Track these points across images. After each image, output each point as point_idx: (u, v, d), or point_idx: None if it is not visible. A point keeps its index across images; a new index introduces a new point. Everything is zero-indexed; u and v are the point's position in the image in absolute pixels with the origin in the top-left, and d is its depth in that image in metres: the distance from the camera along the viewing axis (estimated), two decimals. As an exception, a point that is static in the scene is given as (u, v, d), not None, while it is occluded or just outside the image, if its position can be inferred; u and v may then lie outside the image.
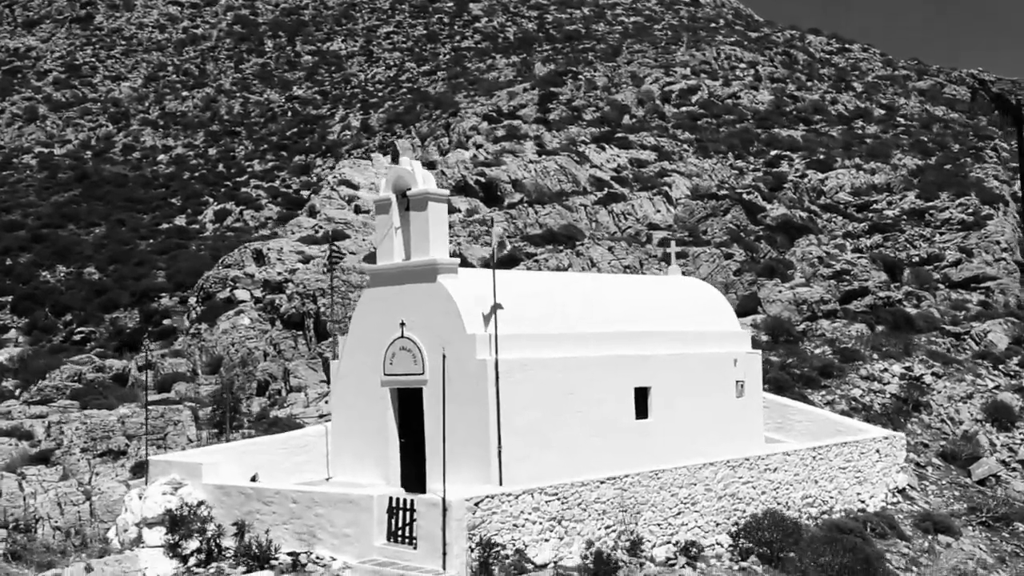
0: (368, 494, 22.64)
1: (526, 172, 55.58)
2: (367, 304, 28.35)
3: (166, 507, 25.32)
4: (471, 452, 25.50)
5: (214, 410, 32.88)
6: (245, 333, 38.24)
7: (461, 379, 25.84)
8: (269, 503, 24.41)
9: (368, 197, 48.57)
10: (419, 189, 27.42)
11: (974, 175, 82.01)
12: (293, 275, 39.94)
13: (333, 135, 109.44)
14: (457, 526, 20.95)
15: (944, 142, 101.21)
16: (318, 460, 30.75)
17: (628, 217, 54.07)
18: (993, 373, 44.07)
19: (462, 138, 79.49)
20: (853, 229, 64.17)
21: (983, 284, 62.29)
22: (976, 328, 50.71)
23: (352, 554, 22.57)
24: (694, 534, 26.12)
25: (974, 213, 69.93)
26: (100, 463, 30.93)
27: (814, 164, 75.30)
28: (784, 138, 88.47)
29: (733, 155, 75.64)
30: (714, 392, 31.89)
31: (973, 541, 30.34)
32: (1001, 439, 38.45)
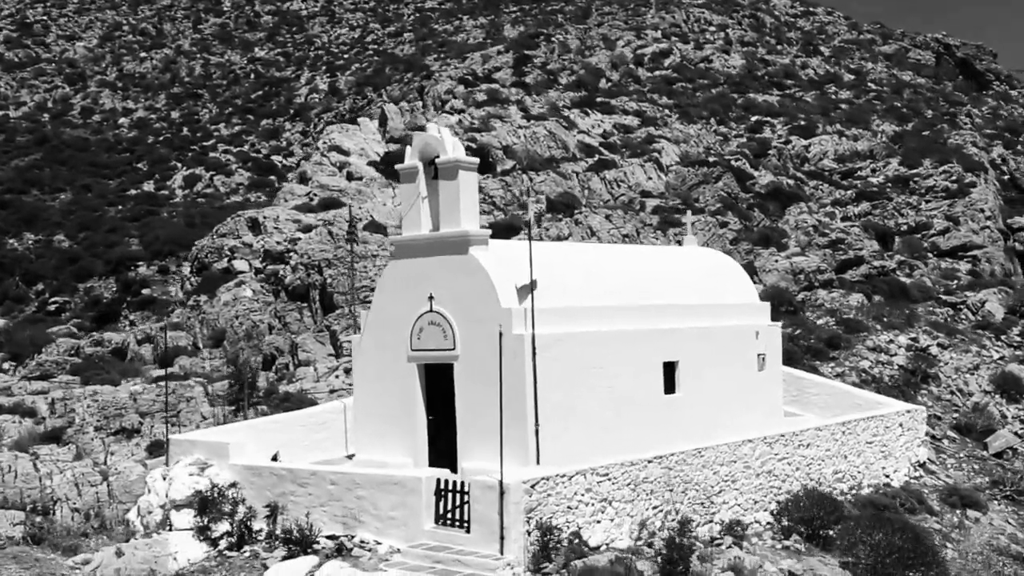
0: (416, 475, 21.85)
1: (515, 138, 54.59)
2: (391, 277, 27.41)
3: (194, 488, 24.38)
4: (504, 430, 24.71)
5: (231, 385, 31.80)
6: (249, 305, 37.04)
7: (495, 355, 24.98)
8: (304, 484, 23.53)
9: (359, 163, 47.44)
10: (449, 157, 26.51)
11: (952, 141, 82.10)
12: (294, 245, 38.78)
13: (300, 98, 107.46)
14: (515, 509, 20.23)
15: (918, 108, 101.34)
16: (336, 438, 29.92)
17: (621, 184, 53.36)
18: (996, 344, 44.00)
19: (437, 102, 78.21)
20: (841, 197, 63.87)
21: (970, 252, 62.37)
22: (972, 298, 50.68)
23: (398, 538, 21.79)
24: (734, 512, 25.63)
25: (957, 181, 69.90)
26: (114, 442, 29.82)
27: (797, 130, 74.97)
28: (761, 103, 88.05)
29: (716, 120, 75.05)
30: (738, 365, 31.40)
31: (1001, 516, 30.15)
32: (1012, 411, 38.35)
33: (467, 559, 20.08)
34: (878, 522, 24.25)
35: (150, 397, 31.43)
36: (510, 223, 44.40)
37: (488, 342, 25.16)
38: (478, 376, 25.40)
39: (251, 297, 37.03)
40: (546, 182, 50.01)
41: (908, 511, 28.86)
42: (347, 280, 36.59)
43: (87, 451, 29.35)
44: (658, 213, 51.76)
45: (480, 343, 25.39)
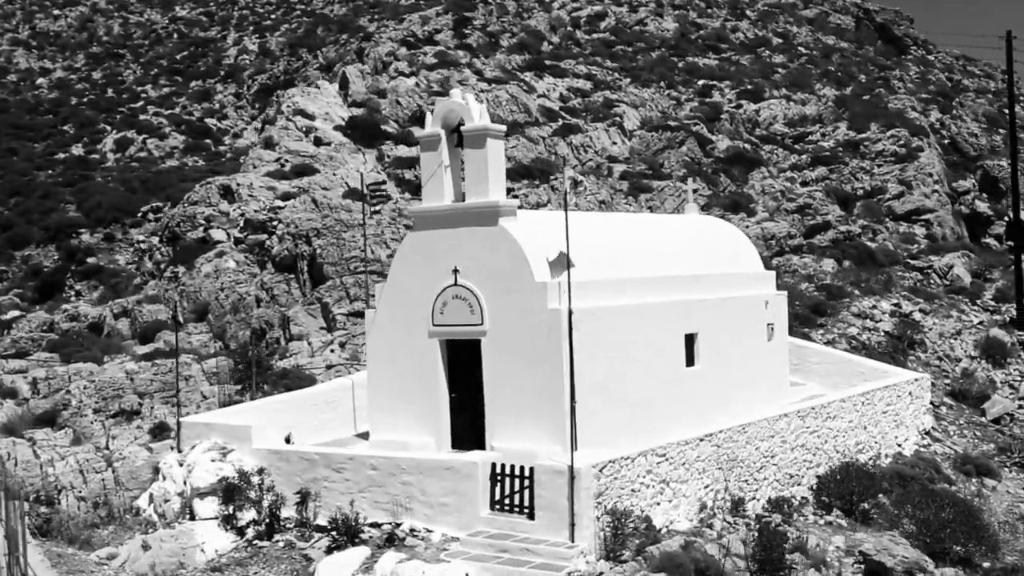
0: (472, 460, 20.82)
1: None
2: (411, 249, 26.15)
3: (218, 475, 23.00)
4: (540, 408, 23.84)
5: (236, 364, 30.19)
6: (234, 277, 35.25)
7: (528, 330, 24.09)
8: (340, 469, 22.35)
9: (326, 128, 45.75)
10: (477, 125, 25.40)
11: (892, 106, 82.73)
12: (276, 214, 37.03)
13: (230, 59, 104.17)
14: (586, 495, 19.35)
15: (851, 72, 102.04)
16: (344, 417, 28.73)
17: (588, 150, 52.47)
18: (973, 308, 44.27)
19: (379, 64, 76.25)
20: (798, 161, 63.82)
21: (923, 217, 62.94)
22: (938, 262, 51.03)
23: (451, 525, 20.78)
24: (774, 488, 25.12)
25: (905, 145, 70.40)
26: (114, 425, 28.09)
27: (745, 94, 74.71)
28: (704, 68, 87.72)
29: (665, 84, 74.44)
30: (750, 336, 30.86)
31: (1017, 484, 30.16)
32: (999, 376, 38.52)
33: (536, 547, 19.15)
34: (927, 496, 23.86)
35: (147, 376, 29.65)
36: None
37: (520, 317, 24.20)
38: (509, 353, 24.39)
39: (235, 268, 35.31)
40: (517, 148, 48.90)
41: (928, 480, 28.64)
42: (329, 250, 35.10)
43: (86, 435, 27.63)
44: (627, 179, 50.99)
45: (511, 318, 24.38)
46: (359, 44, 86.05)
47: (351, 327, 33.42)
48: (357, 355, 32.17)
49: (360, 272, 34.58)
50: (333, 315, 34.05)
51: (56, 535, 22.91)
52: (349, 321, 33.58)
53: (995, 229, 68.71)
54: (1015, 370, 39.01)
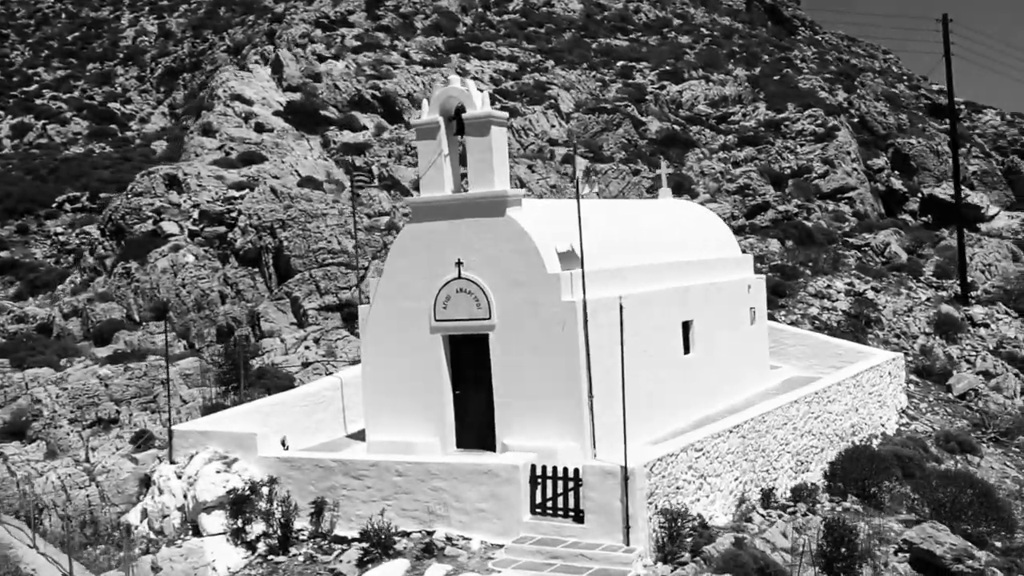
0: (512, 463, 19.94)
1: (414, 85, 51.97)
2: (409, 242, 25.09)
3: (225, 487, 21.70)
4: (556, 404, 23.15)
5: (220, 366, 28.55)
6: (195, 272, 33.39)
7: (540, 324, 23.33)
8: (361, 477, 21.26)
9: (265, 114, 44.03)
10: (480, 112, 24.42)
11: (803, 86, 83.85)
12: (232, 204, 35.26)
13: (127, 40, 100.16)
14: (640, 496, 18.68)
15: (755, 53, 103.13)
16: (335, 416, 27.56)
17: (528, 133, 51.65)
18: (919, 285, 44.93)
19: (293, 46, 74.16)
20: (726, 142, 64.10)
21: (847, 195, 63.91)
22: (874, 240, 51.73)
23: (490, 532, 19.91)
24: (789, 476, 24.86)
25: (822, 125, 71.38)
26: (91, 435, 26.22)
27: (666, 75, 74.80)
28: (618, 48, 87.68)
29: (587, 66, 74.02)
30: (736, 321, 30.66)
31: (998, 459, 30.54)
32: (954, 352, 39.10)
33: (591, 552, 18.44)
34: (946, 478, 23.86)
35: (122, 382, 27.79)
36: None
37: (531, 310, 23.43)
38: (519, 347, 23.59)
39: (195, 263, 33.50)
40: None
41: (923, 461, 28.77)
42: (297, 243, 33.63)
43: (62, 447, 25.77)
44: (570, 162, 50.33)
45: (521, 311, 23.58)
46: (269, 26, 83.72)
47: (323, 322, 32.14)
48: (333, 351, 30.95)
49: (328, 264, 33.26)
50: (304, 310, 32.66)
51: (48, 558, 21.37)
52: (320, 316, 32.29)
53: (910, 205, 70.28)
54: (968, 345, 39.65)
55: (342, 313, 32.78)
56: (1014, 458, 30.83)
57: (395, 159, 42.71)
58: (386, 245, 35.29)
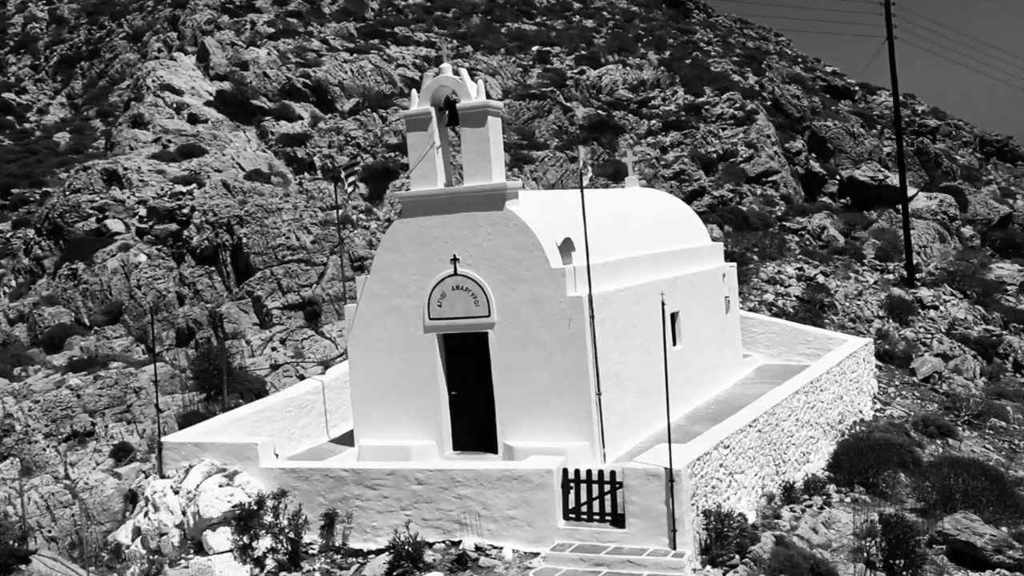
0: (545, 468, 19.11)
1: (343, 73, 50.45)
2: (400, 238, 24.06)
3: (230, 501, 20.44)
4: (562, 403, 22.47)
5: (200, 372, 26.85)
6: (150, 273, 31.41)
7: (544, 320, 22.61)
8: (377, 486, 20.20)
9: (197, 104, 42.05)
10: (476, 102, 23.54)
11: (714, 70, 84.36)
12: (180, 200, 33.29)
13: (16, 27, 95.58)
14: (685, 497, 18.05)
15: (660, 36, 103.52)
16: (319, 421, 26.40)
17: (463, 120, 50.31)
18: (865, 268, 45.34)
19: (196, 32, 71.65)
20: (652, 127, 63.96)
21: (771, 178, 64.44)
22: (811, 223, 52.12)
23: (522, 540, 19.09)
24: (794, 468, 24.54)
25: (741, 108, 71.87)
26: (68, 450, 24.36)
27: (583, 60, 74.40)
28: (528, 33, 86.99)
29: (505, 51, 73.13)
30: (713, 310, 30.36)
31: (976, 443, 30.78)
32: (909, 335, 39.47)
33: (638, 559, 17.74)
34: (956, 465, 23.79)
35: (94, 391, 25.93)
36: (385, 167, 40.80)
37: (534, 306, 22.72)
38: (522, 345, 22.84)
39: (148, 263, 31.58)
40: (402, 120, 46.31)
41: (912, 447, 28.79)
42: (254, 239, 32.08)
43: (38, 464, 23.92)
44: (506, 150, 49.38)
45: (523, 308, 22.83)
46: (171, 11, 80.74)
47: (288, 321, 30.75)
48: (301, 352, 29.63)
49: (288, 261, 31.82)
50: (267, 309, 31.19)
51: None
52: (284, 315, 30.89)
53: (829, 188, 71.27)
54: (922, 328, 40.09)
55: (305, 312, 31.46)
56: (991, 440, 31.11)
57: (336, 149, 41.34)
58: (342, 240, 34.04)
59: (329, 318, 31.50)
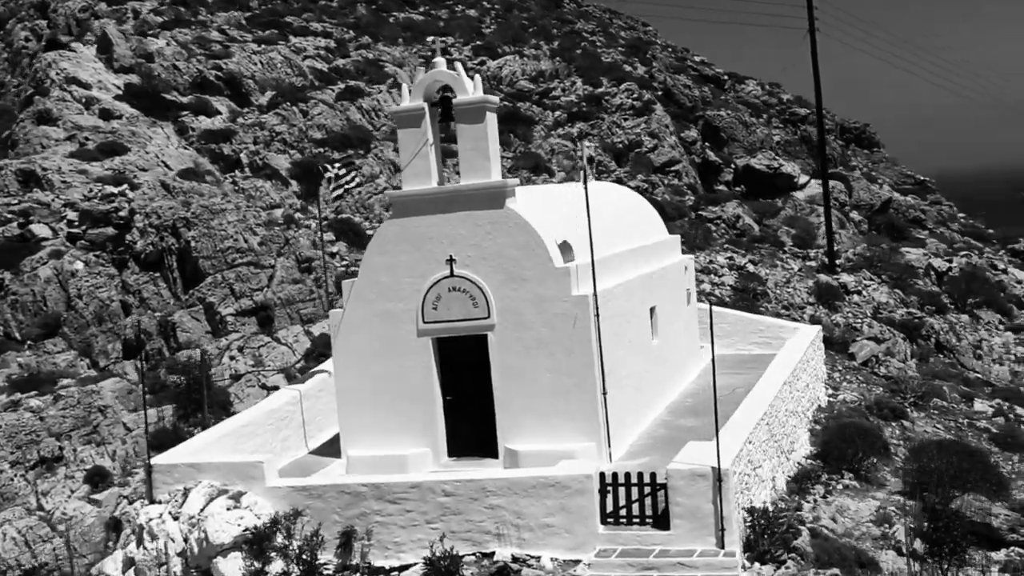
0: (585, 473, 18.68)
1: (252, 65, 48.81)
2: (392, 239, 23.30)
3: (241, 524, 19.42)
4: (568, 404, 22.13)
5: (177, 386, 25.08)
6: (91, 281, 29.28)
7: (547, 320, 22.25)
8: (399, 500, 19.46)
9: (107, 98, 39.90)
10: (474, 97, 23.08)
11: (605, 60, 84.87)
12: (112, 202, 31.27)
13: None
14: (732, 496, 17.86)
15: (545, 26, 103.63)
16: (298, 433, 25.38)
17: (379, 114, 49.50)
18: (786, 256, 46.15)
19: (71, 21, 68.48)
20: (558, 118, 63.88)
21: (674, 168, 65.17)
22: (725, 212, 52.82)
23: (560, 548, 18.64)
24: (786, 458, 24.67)
25: (639, 99, 72.45)
26: (37, 477, 22.49)
27: (481, 51, 73.86)
28: (417, 23, 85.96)
29: (402, 41, 72.00)
30: (679, 303, 30.41)
31: (926, 422, 31.57)
32: (838, 320, 40.31)
33: (689, 560, 17.49)
34: (940, 450, 24.26)
35: (56, 413, 24.00)
36: (310, 162, 39.54)
37: (537, 307, 22.34)
38: (524, 346, 22.42)
39: (86, 271, 29.50)
40: (324, 114, 45.07)
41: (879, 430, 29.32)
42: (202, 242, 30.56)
43: (6, 495, 22.06)
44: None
45: (525, 309, 22.40)
46: None
47: (243, 328, 29.41)
48: (261, 360, 28.43)
49: (239, 264, 30.40)
50: (221, 316, 29.76)
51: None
52: (238, 322, 29.53)
53: (724, 176, 72.47)
54: (850, 313, 40.99)
55: (258, 317, 30.19)
56: (938, 420, 31.93)
57: (263, 145, 39.90)
58: (288, 240, 32.85)
59: (282, 323, 30.36)
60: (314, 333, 30.27)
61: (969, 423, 31.62)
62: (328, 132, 43.17)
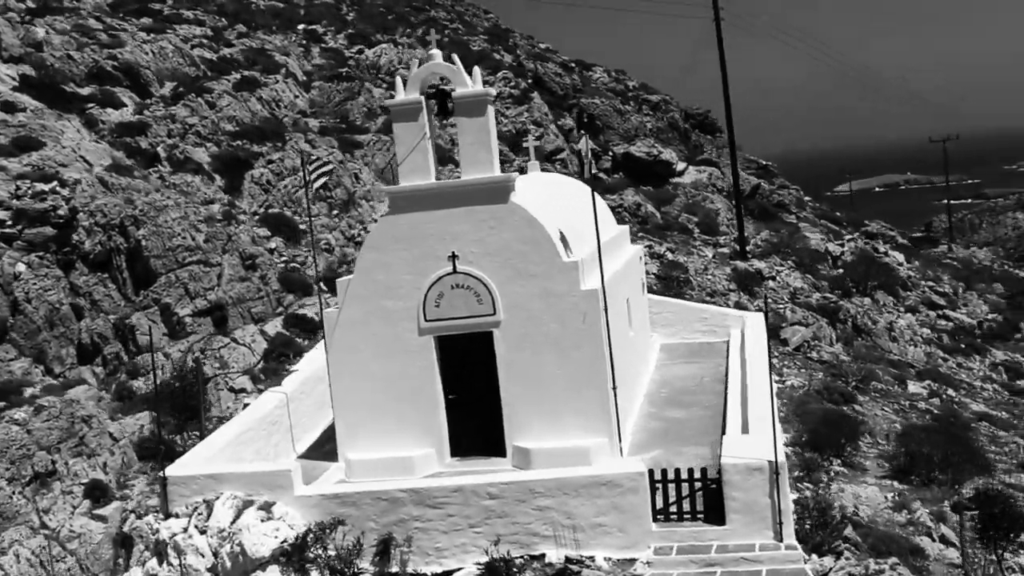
0: (638, 470, 18.61)
1: (144, 55, 46.58)
2: (389, 236, 22.66)
3: (277, 536, 18.69)
4: (578, 400, 22.01)
5: (172, 396, 23.43)
6: (39, 284, 27.11)
7: (556, 316, 22.09)
8: (440, 505, 19.04)
9: (5, 90, 37.27)
10: (475, 90, 22.71)
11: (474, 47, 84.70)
12: (44, 200, 28.99)
13: None
14: (787, 489, 18.12)
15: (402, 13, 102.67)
16: (286, 438, 24.56)
17: (279, 105, 47.93)
18: (697, 243, 47.05)
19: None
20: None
21: (558, 157, 65.74)
22: (626, 200, 53.47)
23: (612, 547, 18.56)
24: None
25: (517, 87, 72.61)
26: (33, 493, 20.66)
27: (355, 39, 72.65)
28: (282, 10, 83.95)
29: (274, 29, 70.10)
30: (638, 293, 30.68)
31: (874, 405, 32.75)
32: (759, 305, 41.35)
33: (753, 555, 17.68)
34: (926, 431, 25.18)
35: (42, 425, 22.15)
36: (235, 155, 37.98)
37: (545, 302, 22.13)
38: (532, 343, 22.18)
39: (31, 272, 27.36)
40: (231, 105, 43.30)
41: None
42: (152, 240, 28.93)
43: (6, 514, 20.29)
44: (328, 134, 47.50)
45: (532, 305, 22.17)
46: None
47: (200, 329, 28.06)
48: (226, 362, 27.25)
49: (190, 263, 28.95)
50: (178, 317, 28.30)
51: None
52: (195, 323, 28.17)
53: (603, 164, 73.39)
54: (769, 299, 42.11)
55: (213, 317, 28.88)
56: (884, 404, 33.14)
57: (179, 138, 38.15)
58: (231, 237, 31.58)
59: (236, 323, 29.18)
60: (269, 333, 29.25)
61: (911, 405, 32.89)
62: (239, 124, 41.66)
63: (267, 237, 33.55)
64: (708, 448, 22.64)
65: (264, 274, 30.60)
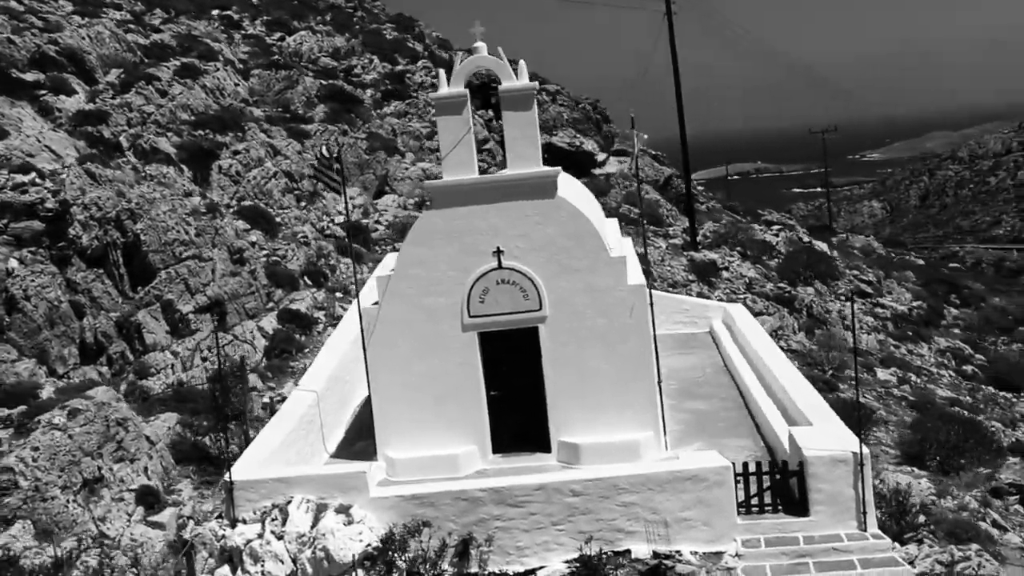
0: (723, 464, 18.81)
1: (82, 40, 44.67)
2: (431, 231, 22.39)
3: (362, 539, 18.38)
4: (625, 394, 22.17)
5: (213, 394, 22.29)
6: (36, 281, 25.46)
7: (603, 311, 22.20)
8: (522, 504, 18.95)
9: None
10: (522, 84, 22.67)
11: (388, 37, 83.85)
12: (28, 193, 27.34)
13: None
14: (871, 481, 18.55)
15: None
16: (319, 437, 24.10)
17: (224, 93, 46.52)
18: (650, 235, 47.57)
19: None
20: (374, 96, 62.57)
21: (486, 147, 65.52)
22: (569, 192, 53.63)
23: (697, 541, 18.73)
24: (799, 435, 25.70)
25: (437, 76, 72.02)
26: (84, 501, 19.44)
27: (273, 26, 71.12)
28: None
29: (194, 15, 68.12)
30: (624, 285, 30.89)
31: (851, 394, 33.65)
32: (716, 296, 42.13)
33: (842, 545, 18.09)
34: (939, 419, 25.98)
35: (80, 430, 20.83)
36: (199, 146, 36.72)
37: (592, 297, 22.23)
38: (577, 338, 22.24)
39: (25, 269, 25.73)
40: (184, 93, 41.79)
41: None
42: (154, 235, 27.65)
43: (63, 524, 19.03)
44: (277, 124, 46.44)
45: (579, 299, 22.22)
46: None
47: (203, 326, 27.08)
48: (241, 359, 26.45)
49: (187, 258, 27.89)
50: (181, 314, 27.23)
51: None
52: (198, 319, 27.17)
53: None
54: (727, 289, 42.92)
55: (213, 314, 27.94)
56: (864, 391, 34.09)
57: (139, 127, 36.75)
58: (217, 231, 30.62)
59: (233, 319, 28.32)
60: (266, 328, 28.50)
61: (886, 392, 33.92)
62: (194, 113, 40.40)
63: (247, 230, 32.67)
64: (751, 440, 23.08)
65: (253, 268, 29.79)
